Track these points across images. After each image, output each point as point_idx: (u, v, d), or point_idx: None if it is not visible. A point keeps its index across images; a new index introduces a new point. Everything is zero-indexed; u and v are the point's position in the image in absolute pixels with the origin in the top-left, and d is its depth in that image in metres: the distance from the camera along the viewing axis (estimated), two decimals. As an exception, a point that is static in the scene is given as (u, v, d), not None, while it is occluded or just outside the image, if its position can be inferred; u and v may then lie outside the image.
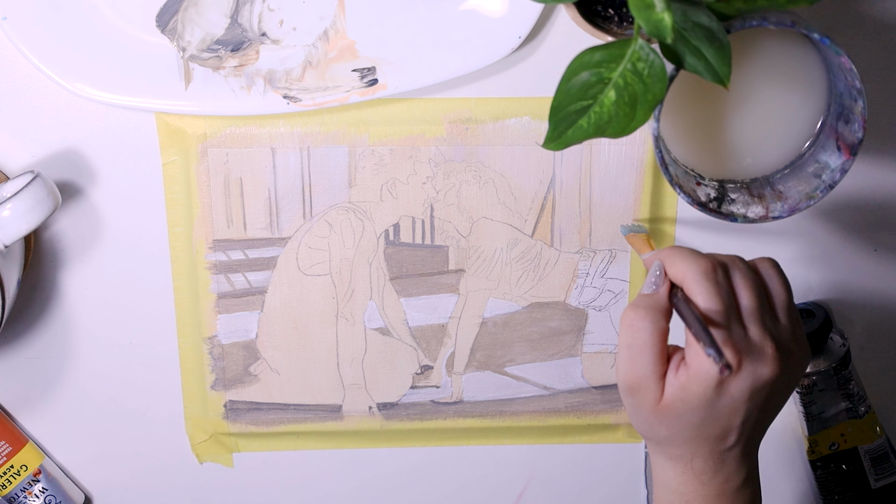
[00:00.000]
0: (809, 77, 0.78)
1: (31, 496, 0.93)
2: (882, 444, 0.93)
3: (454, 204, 0.88)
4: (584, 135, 0.72)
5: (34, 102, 0.85)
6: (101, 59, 0.82)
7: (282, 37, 0.83)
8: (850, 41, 0.85)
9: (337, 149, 0.86)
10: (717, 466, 0.76)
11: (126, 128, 0.86)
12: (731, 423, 0.74)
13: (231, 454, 0.95)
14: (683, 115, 0.79)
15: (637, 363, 0.74)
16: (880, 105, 0.87)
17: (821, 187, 0.78)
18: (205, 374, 0.92)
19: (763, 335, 0.73)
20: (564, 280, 0.90)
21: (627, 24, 0.80)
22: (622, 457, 0.96)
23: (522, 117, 0.86)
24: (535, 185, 0.88)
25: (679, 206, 0.89)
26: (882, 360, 0.95)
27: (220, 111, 0.83)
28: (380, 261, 0.90)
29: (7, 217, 0.81)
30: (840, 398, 0.91)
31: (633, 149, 0.87)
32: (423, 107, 0.86)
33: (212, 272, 0.89)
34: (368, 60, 0.83)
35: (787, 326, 0.75)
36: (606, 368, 0.93)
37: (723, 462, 0.76)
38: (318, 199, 0.88)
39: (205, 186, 0.87)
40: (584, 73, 0.71)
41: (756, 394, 0.74)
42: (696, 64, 0.71)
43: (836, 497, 0.94)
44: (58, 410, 0.93)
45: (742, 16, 0.73)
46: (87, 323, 0.91)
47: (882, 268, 0.92)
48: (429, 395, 0.93)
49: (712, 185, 0.80)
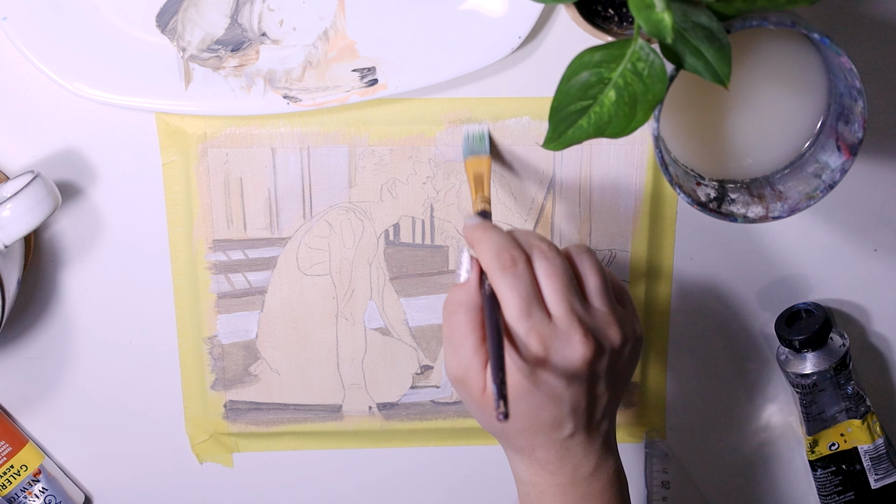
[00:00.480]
0: (809, 77, 0.78)
1: (31, 496, 0.93)
2: (882, 444, 0.93)
3: (454, 204, 0.88)
4: (584, 135, 0.72)
5: (34, 102, 0.85)
6: (101, 59, 0.82)
7: (282, 37, 0.83)
8: (850, 41, 0.85)
9: (337, 149, 0.86)
10: (562, 455, 0.76)
11: (126, 128, 0.86)
12: (559, 412, 0.74)
13: (231, 454, 0.95)
14: (683, 115, 0.79)
15: (458, 355, 0.74)
16: (880, 105, 0.87)
17: (821, 187, 0.78)
18: (205, 375, 0.92)
19: (570, 320, 0.73)
20: (564, 280, 0.90)
21: (627, 24, 0.80)
22: (622, 457, 0.96)
23: (522, 117, 0.86)
24: (535, 185, 0.88)
25: (679, 206, 0.89)
26: (882, 360, 0.95)
27: (220, 111, 0.83)
28: (380, 261, 0.90)
29: (7, 217, 0.81)
30: (840, 398, 0.91)
31: (633, 149, 0.87)
32: (423, 107, 0.86)
33: (212, 272, 0.89)
34: (368, 60, 0.83)
35: (602, 310, 0.75)
36: (606, 368, 0.93)
37: (567, 450, 0.76)
38: (318, 199, 0.88)
39: (205, 186, 0.87)
40: (584, 73, 0.71)
41: (575, 379, 0.74)
42: (696, 64, 0.71)
43: (836, 497, 0.94)
44: (58, 410, 0.93)
45: (742, 16, 0.73)
46: (87, 323, 0.91)
47: (882, 268, 0.92)
48: (429, 395, 0.93)
49: (712, 185, 0.80)
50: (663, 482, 0.96)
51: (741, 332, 0.93)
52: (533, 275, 0.74)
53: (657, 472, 0.96)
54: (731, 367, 0.94)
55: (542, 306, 0.74)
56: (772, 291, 0.92)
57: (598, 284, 0.76)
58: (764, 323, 0.93)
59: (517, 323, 0.73)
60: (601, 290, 0.76)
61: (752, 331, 0.93)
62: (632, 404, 0.94)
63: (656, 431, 0.95)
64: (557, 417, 0.75)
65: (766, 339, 0.93)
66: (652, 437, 0.95)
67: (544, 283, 0.74)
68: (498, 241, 0.75)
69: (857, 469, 0.93)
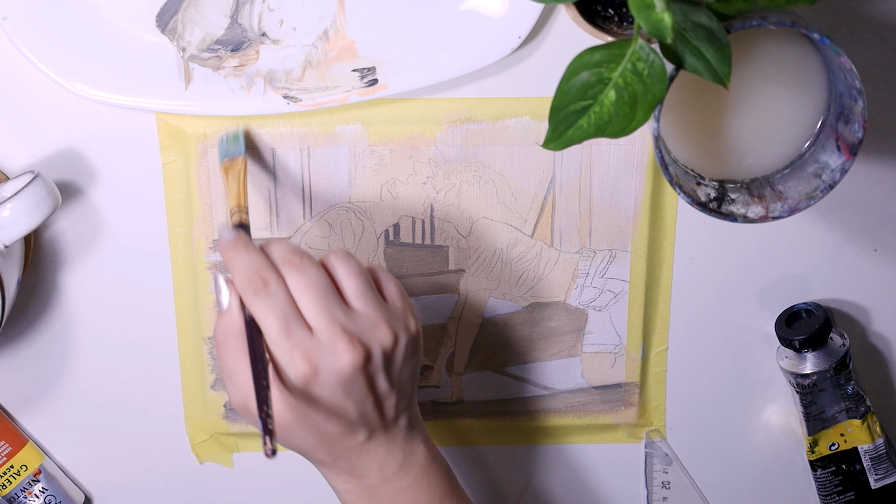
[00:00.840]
0: (809, 77, 0.78)
1: (31, 496, 0.93)
2: (882, 444, 0.93)
3: (454, 204, 0.88)
4: (584, 135, 0.72)
5: (34, 102, 0.85)
6: (101, 59, 0.82)
7: (282, 37, 0.83)
8: (850, 41, 0.85)
9: (337, 149, 0.86)
10: (364, 460, 0.77)
11: (126, 128, 0.86)
12: (346, 422, 0.75)
13: (231, 454, 0.95)
14: (683, 115, 0.79)
15: (235, 385, 0.74)
16: (880, 105, 0.87)
17: (821, 187, 0.78)
18: (205, 374, 0.92)
19: (331, 330, 0.73)
20: (564, 280, 0.90)
21: (627, 24, 0.80)
22: (622, 457, 0.96)
23: (522, 117, 0.86)
24: (535, 185, 0.88)
25: (679, 206, 0.89)
26: (882, 360, 0.95)
27: (220, 111, 0.83)
28: (380, 261, 0.90)
29: (7, 217, 0.81)
30: (840, 398, 0.91)
31: (633, 149, 0.87)
32: (423, 107, 0.86)
33: (212, 272, 0.89)
34: (368, 60, 0.83)
35: (366, 312, 0.75)
36: (607, 368, 0.93)
37: (368, 453, 0.76)
38: (318, 199, 0.88)
39: (205, 186, 0.87)
40: (584, 73, 0.71)
41: (351, 388, 0.74)
42: (696, 64, 0.71)
43: (837, 497, 0.94)
44: (58, 410, 0.93)
45: (742, 16, 0.73)
46: (87, 323, 0.91)
47: (882, 268, 0.92)
48: (429, 395, 0.93)
49: (712, 185, 0.80)
50: (663, 482, 0.96)
51: (741, 332, 0.93)
52: (288, 292, 0.73)
53: (657, 472, 0.96)
54: (731, 367, 0.94)
55: (301, 322, 0.73)
56: (772, 291, 0.92)
57: (358, 287, 0.75)
58: (764, 323, 0.93)
59: (278, 344, 0.73)
60: (361, 293, 0.75)
61: (752, 331, 0.93)
62: (632, 404, 0.94)
63: (656, 431, 0.95)
64: (346, 427, 0.75)
65: (766, 339, 0.93)
66: (652, 437, 0.95)
67: (300, 298, 0.73)
68: (248, 263, 0.74)
69: (857, 469, 0.93)
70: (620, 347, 0.92)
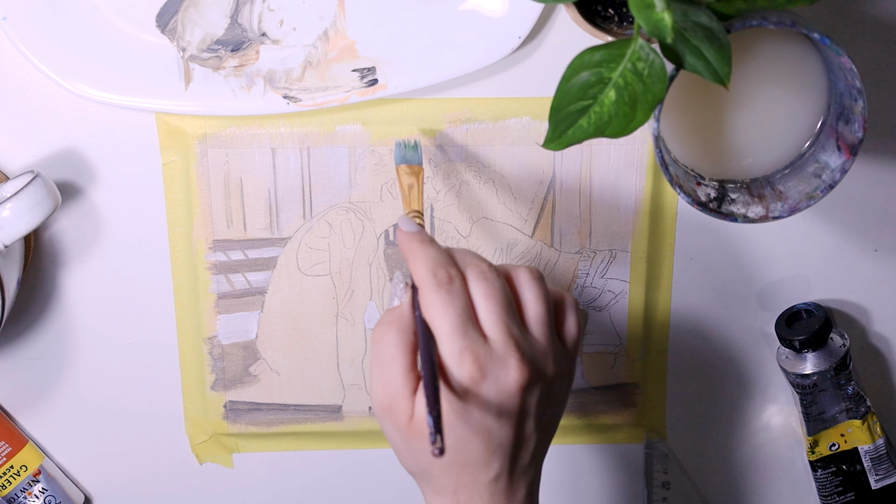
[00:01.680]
0: (809, 77, 0.78)
1: (30, 496, 0.93)
2: (882, 445, 0.93)
3: (454, 204, 0.88)
4: (584, 135, 0.72)
5: (34, 102, 0.85)
6: (101, 59, 0.82)
7: (282, 37, 0.83)
8: (850, 41, 0.85)
9: (337, 149, 0.86)
10: (484, 500, 0.72)
11: (126, 128, 0.86)
12: (486, 448, 0.70)
13: (231, 454, 0.95)
14: (683, 115, 0.79)
15: (386, 379, 0.70)
16: (880, 105, 0.87)
17: (821, 187, 0.78)
18: (205, 375, 0.92)
19: (506, 343, 0.70)
20: (564, 280, 0.90)
21: (627, 24, 0.80)
22: (622, 457, 0.96)
23: (522, 117, 0.86)
24: (535, 185, 0.88)
25: (679, 206, 0.89)
26: (882, 360, 0.95)
27: (220, 111, 0.83)
28: (380, 261, 0.90)
29: (7, 217, 0.81)
30: (840, 398, 0.91)
31: (633, 149, 0.87)
32: (423, 107, 0.86)
33: (212, 272, 0.89)
34: (368, 60, 0.83)
35: (540, 341, 0.72)
36: (607, 368, 0.93)
37: (490, 495, 0.72)
38: (318, 199, 0.88)
39: (205, 187, 0.87)
40: (584, 73, 0.71)
41: (506, 410, 0.70)
42: (696, 64, 0.71)
43: (837, 497, 0.94)
44: (58, 410, 0.93)
45: (742, 16, 0.73)
46: (87, 323, 0.91)
47: (882, 268, 0.92)
48: (429, 395, 0.93)
49: (712, 185, 0.80)
50: (663, 482, 0.96)
51: (741, 332, 0.93)
52: (469, 295, 0.71)
53: (657, 472, 0.96)
54: (731, 367, 0.94)
55: (477, 327, 0.70)
56: (772, 291, 0.92)
57: (540, 314, 0.72)
58: (764, 323, 0.93)
59: (451, 341, 0.69)
60: (543, 321, 0.72)
61: (752, 331, 0.93)
62: (632, 404, 0.94)
63: (656, 431, 0.95)
64: (484, 455, 0.71)
65: (766, 339, 0.93)
66: (652, 437, 0.95)
67: (481, 305, 0.71)
68: (433, 256, 0.71)
69: (858, 469, 0.93)
70: (620, 348, 0.92)
